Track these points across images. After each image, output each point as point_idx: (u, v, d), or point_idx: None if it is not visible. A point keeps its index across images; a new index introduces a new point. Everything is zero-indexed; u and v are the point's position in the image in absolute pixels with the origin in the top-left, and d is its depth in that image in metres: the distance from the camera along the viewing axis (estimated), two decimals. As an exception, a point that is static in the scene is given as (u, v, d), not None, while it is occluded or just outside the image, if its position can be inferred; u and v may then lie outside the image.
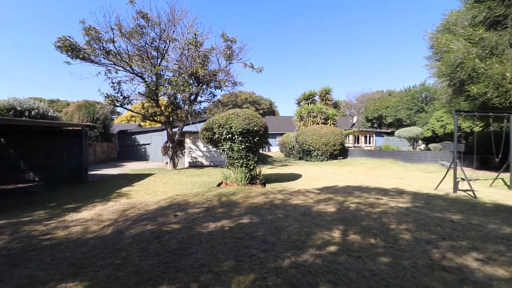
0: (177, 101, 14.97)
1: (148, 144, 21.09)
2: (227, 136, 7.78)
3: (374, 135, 30.37)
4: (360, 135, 28.72)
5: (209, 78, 14.47)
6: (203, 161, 16.55)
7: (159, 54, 13.41)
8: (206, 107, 17.04)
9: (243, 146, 7.74)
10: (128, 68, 13.03)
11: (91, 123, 18.24)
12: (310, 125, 21.13)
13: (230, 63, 15.21)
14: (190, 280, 2.55)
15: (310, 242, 3.45)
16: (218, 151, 8.53)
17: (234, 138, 7.75)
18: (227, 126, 7.69)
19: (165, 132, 16.66)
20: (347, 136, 26.51)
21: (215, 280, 2.54)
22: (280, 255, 3.04)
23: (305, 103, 23.81)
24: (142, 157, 21.08)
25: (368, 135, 29.94)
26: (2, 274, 2.83)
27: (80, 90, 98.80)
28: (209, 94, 15.77)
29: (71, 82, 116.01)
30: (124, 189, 8.06)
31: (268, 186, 8.02)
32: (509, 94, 8.39)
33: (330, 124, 21.57)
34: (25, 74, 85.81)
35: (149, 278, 2.61)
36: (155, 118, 15.99)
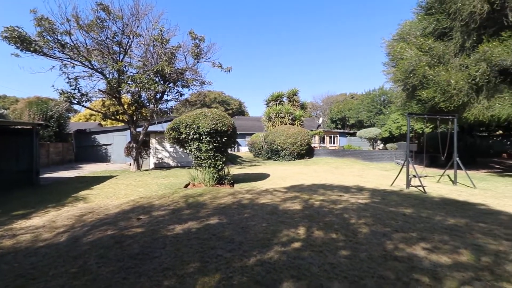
0: (141, 99, 14.32)
1: (109, 144, 19.88)
2: (195, 136, 7.64)
3: (338, 136, 31.88)
4: (325, 136, 29.96)
5: (176, 77, 14.07)
6: (170, 162, 16.05)
7: (121, 49, 12.72)
8: (173, 106, 16.54)
9: (211, 146, 7.67)
10: (86, 63, 12.16)
11: (44, 122, 16.70)
12: (278, 125, 21.55)
13: (198, 62, 14.96)
14: (153, 285, 2.48)
15: (276, 239, 3.54)
16: (186, 151, 8.35)
17: (201, 138, 7.64)
18: (194, 126, 7.56)
19: (128, 131, 15.85)
20: (314, 137, 27.51)
21: (180, 283, 2.49)
22: (246, 254, 3.08)
23: (273, 104, 24.22)
24: (103, 158, 19.81)
25: (332, 136, 31.34)
26: None
27: (31, 86, 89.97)
28: (176, 93, 15.35)
29: (20, 76, 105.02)
30: (82, 192, 7.52)
31: (237, 186, 8.04)
32: (453, 99, 9.37)
33: (297, 125, 22.21)
34: (-38, 65, 75.80)
35: (108, 285, 2.49)
36: (118, 117, 15.13)
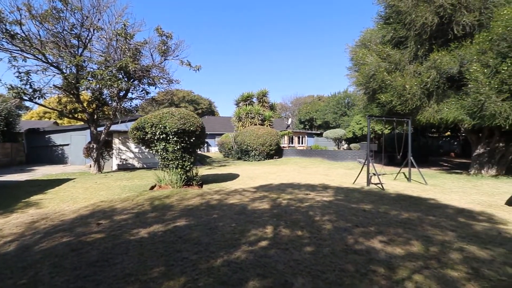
0: (103, 97, 13.48)
1: (66, 145, 18.42)
2: (161, 136, 7.39)
3: (306, 136, 32.92)
4: (294, 136, 30.75)
5: (141, 74, 13.48)
6: (135, 163, 15.32)
7: (80, 43, 11.86)
8: (138, 105, 15.84)
9: (178, 147, 7.47)
10: (40, 56, 11.14)
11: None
12: (248, 126, 21.66)
13: (165, 60, 14.49)
14: (114, 292, 2.36)
15: (244, 239, 3.57)
16: (152, 152, 8.04)
17: (168, 138, 7.42)
18: (160, 126, 7.31)
19: (88, 131, 14.83)
20: (283, 137, 28.08)
21: (143, 289, 2.41)
22: (213, 255, 3.06)
23: (243, 104, 24.30)
24: (59, 160, 18.30)
25: (301, 136, 32.27)
26: None
27: (-29, 79, 79.67)
28: (141, 91, 14.70)
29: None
30: (34, 197, 6.88)
31: (205, 187, 7.93)
32: (408, 103, 10.17)
33: (267, 125, 22.51)
34: None
35: (62, 297, 2.32)
36: (76, 116, 14.10)
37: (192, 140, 7.61)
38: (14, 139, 17.73)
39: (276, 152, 20.21)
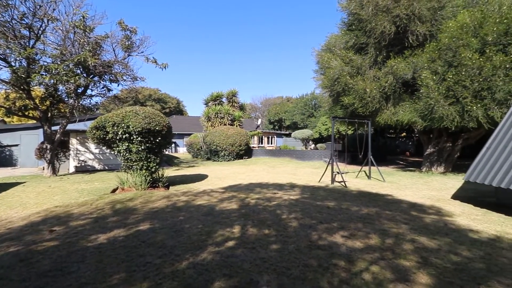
0: (58, 93, 12.45)
1: (16, 145, 16.69)
2: (124, 136, 7.02)
3: (275, 136, 33.49)
4: (263, 136, 31.10)
5: (102, 70, 12.67)
6: (95, 164, 14.37)
7: (32, 34, 10.82)
8: (99, 103, 14.88)
9: (143, 147, 7.16)
10: (-19, 47, 9.96)
11: None
12: (218, 126, 21.45)
13: (129, 55, 13.80)
14: (67, 303, 2.20)
15: (211, 240, 3.53)
16: (114, 152, 7.60)
17: (132, 138, 7.07)
18: (123, 125, 6.94)
19: (41, 130, 13.57)
20: (252, 137, 28.25)
21: (101, 297, 2.27)
22: (178, 258, 2.99)
23: (212, 104, 24.00)
24: (7, 162, 16.52)
25: (270, 136, 32.75)
26: None
27: None
28: (102, 88, 13.83)
29: None
30: (-27, 204, 6.13)
31: (172, 189, 7.70)
32: (368, 105, 10.84)
33: (237, 126, 22.48)
34: None
35: (6, 312, 2.10)
36: (27, 113, 12.85)
37: (158, 140, 7.34)
38: (-51, 139, 15.66)
39: (246, 152, 20.27)
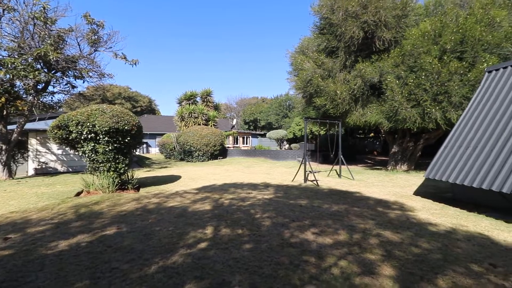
0: (15, 89, 11.43)
1: (-38, 146, 15.00)
2: (89, 136, 6.62)
3: (251, 137, 33.59)
4: (238, 136, 31.04)
5: (66, 65, 11.86)
6: (58, 166, 13.40)
7: (-18, 24, 9.84)
8: (62, 100, 13.90)
9: (110, 148, 6.81)
10: None
11: None
12: (192, 125, 21.05)
13: (96, 51, 13.05)
14: (21, 317, 2.02)
15: (182, 242, 3.45)
16: (78, 153, 7.13)
17: (98, 138, 6.69)
18: (88, 124, 6.55)
19: (-7, 129, 12.38)
20: (228, 137, 28.08)
21: (60, 308, 2.12)
22: (147, 262, 2.88)
23: (186, 104, 23.49)
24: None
25: (245, 136, 32.78)
26: None
27: None
28: (66, 84, 12.95)
29: None
30: None
31: (143, 191, 7.41)
32: (339, 107, 11.27)
33: (211, 125, 22.22)
34: None
35: None
36: (-24, 111, 11.61)
37: (127, 140, 7.02)
38: None
39: (221, 153, 20.10)
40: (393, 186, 8.12)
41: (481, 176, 4.91)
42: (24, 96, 11.84)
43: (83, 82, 13.46)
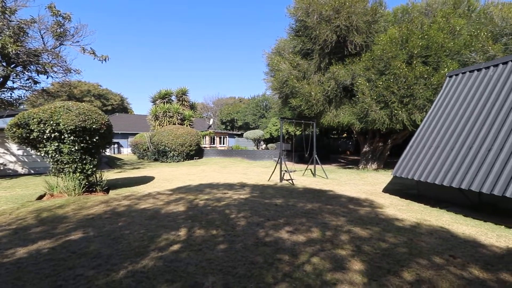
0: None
1: None
2: (53, 135, 6.19)
3: (228, 137, 33.39)
4: (215, 136, 30.72)
5: (27, 59, 11.04)
6: (18, 168, 12.38)
7: None
8: (23, 97, 12.92)
9: (76, 148, 6.41)
10: None
11: None
12: (166, 125, 20.47)
13: (61, 44, 12.31)
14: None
15: (153, 245, 3.33)
16: (41, 154, 6.64)
17: (63, 137, 6.28)
18: (52, 123, 6.12)
19: None
20: (204, 137, 27.68)
21: (15, 321, 1.95)
22: (115, 268, 2.74)
23: (161, 102, 22.79)
24: None
25: (222, 136, 32.52)
26: None
27: None
28: (27, 80, 12.07)
29: None
30: None
31: (113, 193, 7.07)
32: (314, 108, 11.55)
33: (187, 125, 21.76)
34: None
35: None
36: None
37: (95, 139, 6.66)
38: None
39: (197, 153, 19.75)
40: (364, 184, 8.47)
41: (442, 174, 5.27)
42: (-22, 91, 10.85)
43: (47, 78, 12.57)
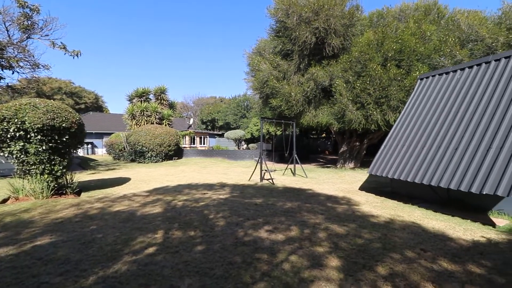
0: None
1: None
2: (18, 134, 5.77)
3: (208, 137, 33.00)
4: (196, 136, 30.25)
5: (-12, 52, 10.25)
6: (-23, 170, 11.44)
7: None
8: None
9: (44, 147, 6.02)
10: None
11: None
12: (144, 124, 19.86)
13: (29, 38, 11.55)
14: None
15: (127, 249, 3.19)
16: (4, 154, 6.17)
17: (29, 136, 5.88)
18: (17, 121, 5.70)
19: None
20: (184, 137, 27.15)
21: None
22: (84, 274, 2.59)
23: (138, 101, 22.06)
24: None
25: (203, 136, 32.09)
26: None
27: None
28: (-11, 75, 11.18)
29: None
30: None
31: (85, 195, 6.73)
32: (293, 108, 11.70)
33: (166, 125, 21.24)
34: None
35: None
36: None
37: (64, 139, 6.29)
38: None
39: (176, 153, 19.33)
40: (341, 182, 8.69)
41: (414, 171, 5.52)
42: None
43: (13, 73, 11.75)
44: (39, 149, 5.98)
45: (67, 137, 6.32)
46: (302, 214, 4.76)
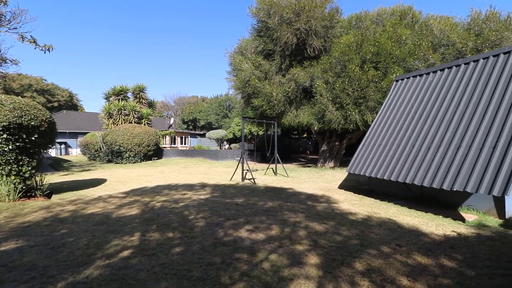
0: None
1: None
2: (-20, 133, 5.36)
3: (189, 136, 32.45)
4: (176, 136, 29.64)
5: None
6: None
7: None
8: None
9: (11, 147, 5.63)
10: None
11: None
12: (122, 123, 19.18)
13: (-7, 30, 10.78)
14: None
15: (100, 253, 3.05)
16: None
17: (-7, 135, 5.47)
18: (-21, 119, 5.30)
19: None
20: (164, 137, 26.53)
21: None
22: (52, 280, 2.43)
23: (115, 99, 21.26)
24: None
25: (184, 136, 31.51)
26: None
27: None
28: None
29: None
30: None
31: (56, 197, 6.37)
32: (275, 108, 11.76)
33: (145, 124, 20.64)
34: None
35: None
36: None
37: (33, 138, 5.92)
38: None
39: (155, 153, 18.84)
40: (322, 181, 8.84)
41: (390, 170, 5.72)
42: None
43: (-25, 68, 10.93)
44: (5, 148, 5.58)
45: (36, 136, 5.95)
46: (283, 213, 4.78)
